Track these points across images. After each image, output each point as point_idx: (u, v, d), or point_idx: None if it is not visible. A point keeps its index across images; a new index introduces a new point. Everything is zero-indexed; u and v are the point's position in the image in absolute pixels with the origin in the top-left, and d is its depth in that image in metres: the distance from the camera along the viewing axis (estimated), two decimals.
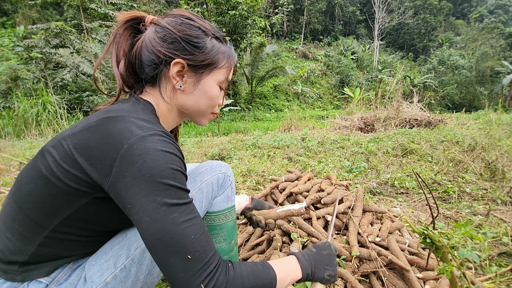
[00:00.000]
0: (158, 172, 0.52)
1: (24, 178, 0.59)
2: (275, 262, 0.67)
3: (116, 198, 0.55)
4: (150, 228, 0.52)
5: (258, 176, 2.53)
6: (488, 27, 33.63)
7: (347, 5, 41.55)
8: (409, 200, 2.02)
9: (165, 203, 0.52)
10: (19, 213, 0.58)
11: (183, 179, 0.57)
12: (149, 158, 0.52)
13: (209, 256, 0.55)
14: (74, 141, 0.56)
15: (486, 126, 4.86)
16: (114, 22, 0.66)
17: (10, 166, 3.11)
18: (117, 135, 0.54)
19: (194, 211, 0.57)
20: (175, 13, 0.70)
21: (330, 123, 6.74)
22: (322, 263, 0.74)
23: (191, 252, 0.52)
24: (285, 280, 0.65)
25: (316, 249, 0.78)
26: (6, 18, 20.21)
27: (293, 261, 0.71)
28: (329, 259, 0.76)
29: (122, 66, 0.68)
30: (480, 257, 1.25)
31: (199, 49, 0.68)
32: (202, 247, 0.54)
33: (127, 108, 0.62)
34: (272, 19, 16.30)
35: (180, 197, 0.55)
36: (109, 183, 0.54)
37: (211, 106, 0.76)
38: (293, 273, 0.68)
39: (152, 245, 0.52)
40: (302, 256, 0.73)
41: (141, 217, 0.52)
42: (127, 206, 0.53)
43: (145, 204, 0.52)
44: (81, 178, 0.55)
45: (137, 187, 0.52)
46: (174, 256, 0.52)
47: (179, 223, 0.53)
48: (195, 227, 0.55)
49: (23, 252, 0.59)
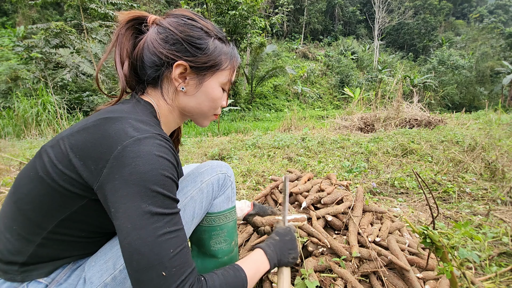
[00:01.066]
0: (149, 177, 0.51)
1: (23, 179, 0.59)
2: (244, 261, 0.69)
3: (102, 199, 0.54)
4: (129, 235, 0.50)
5: (258, 176, 2.53)
6: (488, 27, 33.63)
7: (347, 5, 41.53)
8: (409, 200, 2.02)
9: (149, 211, 0.50)
10: (18, 213, 0.58)
11: (173, 187, 0.56)
12: (142, 162, 0.51)
13: (185, 274, 0.52)
14: (72, 141, 0.56)
15: (486, 126, 4.87)
16: (115, 22, 0.64)
17: (10, 166, 3.11)
18: (113, 136, 0.53)
19: (179, 223, 0.55)
20: (177, 13, 0.69)
21: (330, 123, 6.74)
22: (286, 249, 0.78)
23: (167, 268, 0.50)
24: (255, 276, 0.68)
25: (279, 236, 0.81)
26: (6, 18, 20.20)
27: (260, 255, 0.73)
28: (291, 243, 0.81)
29: (127, 67, 0.67)
30: (480, 257, 1.25)
31: (202, 50, 0.67)
32: (180, 263, 0.52)
33: (127, 109, 0.62)
34: (272, 19, 16.29)
35: (166, 206, 0.53)
36: (98, 183, 0.53)
37: (213, 108, 0.75)
38: (261, 267, 0.71)
39: (128, 255, 0.50)
40: (268, 248, 0.76)
41: (123, 222, 0.50)
42: (111, 209, 0.52)
43: (129, 209, 0.50)
44: (75, 180, 0.55)
45: (124, 191, 0.50)
46: (149, 271, 0.49)
47: (160, 234, 0.51)
48: (177, 240, 0.53)
49: (22, 253, 0.58)
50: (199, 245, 0.86)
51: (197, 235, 0.84)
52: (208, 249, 0.85)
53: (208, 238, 0.84)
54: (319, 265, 1.02)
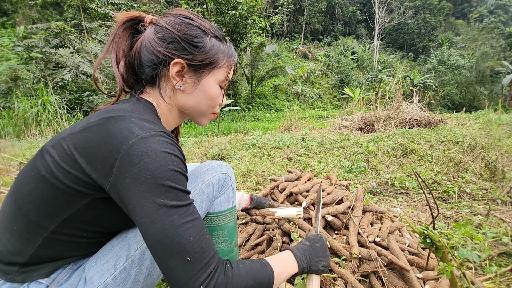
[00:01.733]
0: (159, 173, 0.52)
1: (23, 179, 0.59)
2: (272, 258, 0.68)
3: (117, 198, 0.55)
4: (150, 229, 0.52)
5: (258, 176, 2.53)
6: (488, 27, 33.61)
7: (347, 5, 41.51)
8: (409, 200, 2.02)
9: (165, 204, 0.52)
10: (18, 214, 0.58)
11: (183, 180, 0.57)
12: (150, 159, 0.52)
13: (208, 257, 0.55)
14: (74, 141, 0.56)
15: (486, 126, 4.87)
16: (115, 22, 0.65)
17: (10, 166, 3.11)
18: (118, 135, 0.54)
19: (194, 213, 0.57)
20: (174, 12, 0.69)
21: (330, 123, 6.74)
22: (316, 256, 0.76)
23: (190, 254, 0.52)
24: (282, 276, 0.66)
25: (310, 242, 0.79)
26: (6, 18, 20.20)
27: (289, 256, 0.72)
28: (323, 251, 0.78)
29: (122, 66, 0.68)
30: (480, 257, 1.25)
31: (199, 48, 0.67)
32: (201, 248, 0.54)
33: (128, 108, 0.62)
34: (272, 19, 16.29)
35: (180, 198, 0.55)
36: (110, 184, 0.54)
37: (211, 106, 0.75)
38: (289, 268, 0.69)
39: (152, 246, 0.52)
40: (297, 251, 0.74)
41: (141, 218, 0.52)
42: (128, 206, 0.53)
43: (145, 206, 0.52)
44: (81, 179, 0.55)
45: (137, 188, 0.52)
46: (173, 257, 0.52)
47: (179, 225, 0.53)
48: (195, 229, 0.55)
49: (22, 253, 0.58)
50: None
51: None
52: None
53: None
54: None
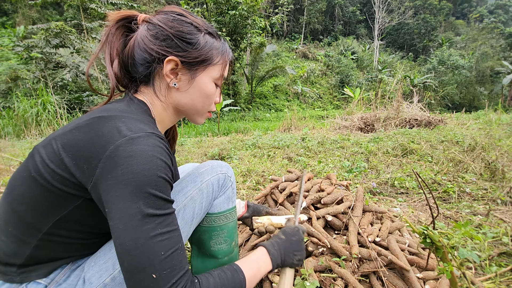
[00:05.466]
0: (141, 177, 0.50)
1: (16, 180, 0.58)
2: (244, 261, 0.67)
3: (97, 199, 0.54)
4: (121, 236, 0.50)
5: (258, 176, 2.53)
6: (488, 27, 33.59)
7: (347, 5, 41.51)
8: (409, 200, 2.02)
9: (141, 211, 0.50)
10: (13, 215, 0.57)
11: (167, 188, 0.55)
12: (134, 162, 0.50)
13: (177, 276, 0.52)
14: (64, 140, 0.55)
15: (486, 126, 4.87)
16: (107, 21, 0.65)
17: (10, 166, 3.11)
18: (105, 135, 0.53)
19: (172, 224, 0.54)
20: (166, 10, 0.69)
21: (330, 123, 6.73)
22: (291, 250, 0.75)
23: (157, 271, 0.50)
24: (255, 277, 0.66)
25: (285, 235, 0.78)
26: (6, 18, 20.19)
27: (262, 254, 0.71)
28: (298, 245, 0.77)
29: (116, 65, 0.68)
30: (480, 257, 1.24)
31: (192, 45, 0.67)
32: (171, 265, 0.51)
33: (120, 108, 0.61)
34: (272, 19, 16.28)
35: (159, 207, 0.52)
36: (92, 183, 0.52)
37: (207, 104, 0.74)
38: (262, 268, 0.69)
39: (120, 255, 0.50)
40: (271, 247, 0.73)
41: (116, 223, 0.50)
42: (106, 209, 0.52)
43: (121, 210, 0.50)
44: (67, 179, 0.54)
45: (117, 191, 0.50)
46: (140, 273, 0.49)
47: (152, 236, 0.50)
48: (169, 242, 0.52)
49: (19, 255, 0.58)
50: (199, 246, 0.86)
51: (197, 236, 0.84)
52: (208, 250, 0.84)
53: (208, 239, 0.83)
54: (319, 265, 1.02)
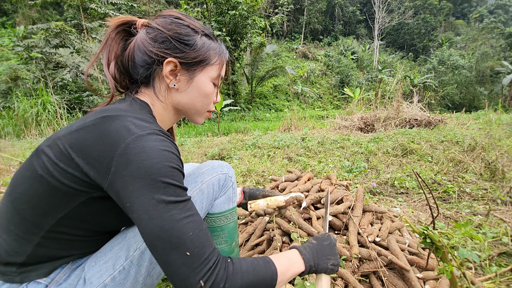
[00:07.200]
0: (156, 170, 0.53)
1: (19, 179, 0.59)
2: (277, 256, 0.67)
3: (115, 197, 0.55)
4: (148, 226, 0.52)
5: (258, 176, 2.53)
6: (488, 27, 33.59)
7: (347, 5, 41.50)
8: (409, 200, 2.02)
9: (163, 200, 0.53)
10: (15, 214, 0.58)
11: (180, 177, 0.58)
12: (147, 157, 0.53)
13: (208, 252, 0.55)
14: (71, 140, 0.56)
15: (486, 126, 4.87)
16: (107, 26, 0.68)
17: (10, 166, 3.11)
18: (114, 134, 0.54)
19: (193, 208, 0.57)
20: (164, 14, 0.72)
21: (330, 123, 6.74)
22: (324, 254, 0.73)
23: (189, 249, 0.53)
24: (287, 274, 0.65)
25: (317, 240, 0.77)
26: (6, 18, 20.20)
27: (294, 254, 0.71)
28: (331, 249, 0.75)
29: (113, 67, 0.70)
30: (480, 257, 1.25)
31: (190, 46, 0.69)
32: (201, 243, 0.54)
33: (124, 108, 0.63)
34: (272, 19, 16.28)
35: (178, 194, 0.55)
36: (108, 182, 0.54)
37: (206, 104, 0.76)
38: (295, 266, 0.68)
39: (151, 242, 0.53)
40: (303, 249, 0.72)
41: (140, 215, 0.52)
42: (126, 204, 0.53)
43: (143, 202, 0.52)
44: (79, 177, 0.55)
45: (135, 185, 0.52)
46: (173, 252, 0.52)
47: (177, 220, 0.53)
48: (194, 224, 0.55)
49: (20, 253, 0.58)
50: None
51: None
52: None
53: None
54: None
